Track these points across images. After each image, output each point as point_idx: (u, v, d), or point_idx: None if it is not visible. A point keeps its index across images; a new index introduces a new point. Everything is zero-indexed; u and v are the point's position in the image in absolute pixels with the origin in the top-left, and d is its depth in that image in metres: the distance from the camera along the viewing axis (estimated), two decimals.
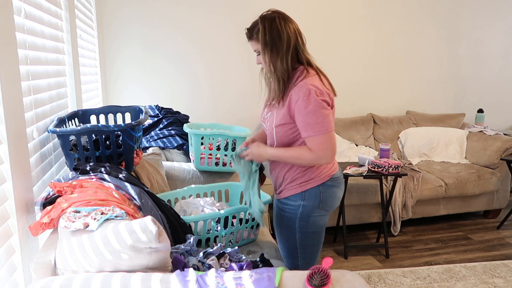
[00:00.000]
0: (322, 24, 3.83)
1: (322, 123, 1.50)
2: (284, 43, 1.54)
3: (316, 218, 1.67)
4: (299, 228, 1.67)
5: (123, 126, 1.70)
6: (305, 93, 1.49)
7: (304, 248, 1.71)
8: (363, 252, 3.02)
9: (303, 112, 1.50)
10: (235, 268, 1.33)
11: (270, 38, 1.53)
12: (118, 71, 3.53)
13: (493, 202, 3.52)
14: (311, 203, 1.64)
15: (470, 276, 2.63)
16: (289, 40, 1.54)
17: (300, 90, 1.51)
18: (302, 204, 1.64)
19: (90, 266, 1.08)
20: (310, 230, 1.68)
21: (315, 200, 1.64)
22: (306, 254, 1.71)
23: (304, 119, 1.51)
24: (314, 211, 1.65)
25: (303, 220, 1.66)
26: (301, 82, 1.52)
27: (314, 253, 1.74)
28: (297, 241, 1.69)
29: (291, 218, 1.67)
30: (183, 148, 2.78)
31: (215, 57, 3.68)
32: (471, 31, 4.19)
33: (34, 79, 1.56)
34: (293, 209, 1.66)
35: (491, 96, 4.36)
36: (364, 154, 3.58)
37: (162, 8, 3.50)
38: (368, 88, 4.08)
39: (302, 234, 1.68)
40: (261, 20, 1.56)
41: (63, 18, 2.09)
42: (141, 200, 1.52)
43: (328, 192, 1.65)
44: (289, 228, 1.70)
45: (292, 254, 1.74)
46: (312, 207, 1.64)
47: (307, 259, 1.72)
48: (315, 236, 1.70)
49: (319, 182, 1.63)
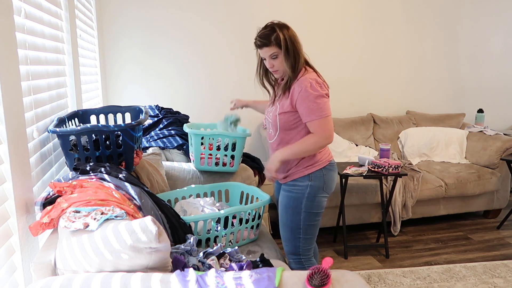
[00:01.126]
0: (322, 24, 3.83)
1: (322, 109, 1.75)
2: (300, 46, 1.81)
3: (320, 198, 1.88)
4: (305, 207, 1.87)
5: (123, 126, 1.70)
6: (306, 85, 1.75)
7: (306, 229, 1.90)
8: (363, 252, 3.02)
9: (306, 100, 1.74)
10: (235, 268, 1.33)
11: (291, 43, 1.77)
12: (118, 71, 3.54)
13: (493, 202, 3.52)
14: (317, 184, 1.86)
15: (470, 276, 2.63)
16: (300, 44, 1.82)
17: (302, 83, 1.76)
18: (309, 185, 1.85)
19: (90, 266, 1.08)
20: (314, 211, 1.88)
21: (320, 181, 1.86)
22: (307, 234, 1.91)
23: (307, 106, 1.75)
24: (319, 192, 1.87)
25: (309, 200, 1.86)
26: (302, 77, 1.78)
27: (314, 234, 1.94)
28: (301, 221, 1.88)
29: (298, 198, 1.87)
30: (183, 148, 2.78)
31: (214, 58, 3.68)
32: (471, 31, 4.19)
33: (34, 79, 1.56)
34: (301, 190, 1.86)
35: (491, 96, 4.36)
36: (364, 154, 3.58)
37: (162, 12, 3.51)
38: (368, 88, 4.08)
39: (306, 214, 1.87)
40: (278, 28, 1.77)
41: (63, 18, 2.09)
42: (141, 200, 1.52)
43: (329, 175, 1.90)
44: (295, 208, 1.88)
45: (295, 235, 1.91)
46: (317, 188, 1.86)
47: (307, 239, 1.92)
48: (317, 217, 1.91)
49: (322, 166, 1.87)
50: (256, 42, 1.81)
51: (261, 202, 2.03)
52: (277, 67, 1.82)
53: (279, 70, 1.83)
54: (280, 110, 1.84)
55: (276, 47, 1.77)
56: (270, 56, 1.80)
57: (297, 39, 1.80)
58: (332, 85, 2.02)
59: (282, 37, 1.75)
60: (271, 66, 1.83)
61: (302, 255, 1.94)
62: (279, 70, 1.83)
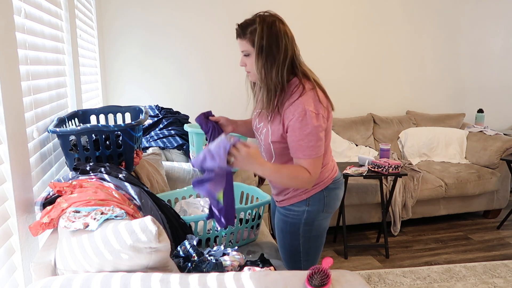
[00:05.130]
0: (322, 25, 3.83)
1: (313, 147, 1.43)
2: (281, 52, 1.42)
3: (320, 221, 1.65)
4: (303, 233, 1.64)
5: (123, 126, 1.70)
6: (300, 113, 1.41)
7: (307, 252, 1.69)
8: (363, 252, 3.02)
9: (296, 133, 1.43)
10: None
11: (267, 44, 1.41)
12: (118, 71, 3.54)
13: (493, 202, 3.52)
14: (316, 208, 1.61)
15: (470, 276, 2.63)
16: (287, 50, 1.43)
17: (296, 110, 1.42)
18: (306, 210, 1.61)
19: (90, 266, 1.08)
20: (313, 234, 1.66)
21: (319, 204, 1.61)
22: (309, 257, 1.70)
23: (297, 140, 1.44)
24: (319, 215, 1.63)
25: (308, 225, 1.63)
26: (297, 101, 1.42)
27: (316, 255, 1.73)
28: (300, 246, 1.66)
29: (295, 224, 1.64)
30: (183, 148, 2.78)
31: (214, 58, 3.68)
32: (471, 31, 4.19)
33: (34, 79, 1.56)
34: (297, 215, 1.62)
35: (491, 96, 4.36)
36: (364, 154, 3.58)
37: (162, 12, 3.51)
38: (368, 88, 4.08)
39: (306, 238, 1.65)
40: (259, 21, 1.43)
41: (63, 18, 2.09)
42: (141, 200, 1.52)
43: (331, 195, 1.64)
44: (292, 233, 1.65)
45: (295, 258, 1.70)
46: (316, 212, 1.62)
47: (309, 261, 1.70)
48: (318, 239, 1.69)
49: (323, 187, 1.61)
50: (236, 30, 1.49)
51: (261, 202, 2.03)
52: (248, 68, 1.50)
53: (251, 72, 1.50)
54: (272, 138, 1.53)
55: (249, 44, 1.44)
56: (242, 52, 1.49)
57: (282, 42, 1.42)
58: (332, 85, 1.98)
59: (258, 33, 1.40)
60: (242, 64, 1.51)
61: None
62: (251, 73, 1.51)
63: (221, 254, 1.48)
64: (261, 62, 1.42)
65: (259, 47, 1.41)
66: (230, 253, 1.47)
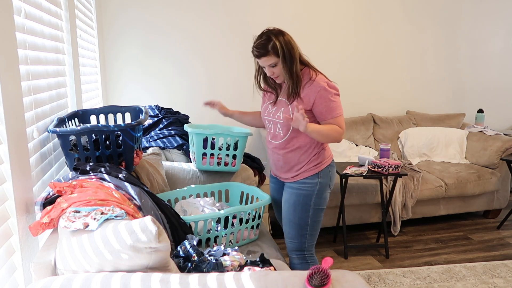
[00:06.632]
0: (322, 24, 3.83)
1: (340, 107, 1.86)
2: (295, 51, 1.83)
3: (327, 194, 1.98)
4: (313, 204, 1.94)
5: (123, 126, 1.70)
6: (322, 86, 1.82)
7: (313, 225, 1.97)
8: (363, 252, 3.02)
9: (326, 99, 1.82)
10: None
11: (287, 51, 1.79)
12: (118, 71, 3.54)
13: (493, 202, 3.52)
14: (325, 180, 1.95)
15: (470, 276, 2.63)
16: (296, 48, 1.84)
17: (318, 86, 1.82)
18: (319, 182, 1.93)
19: (90, 266, 1.08)
20: (321, 207, 1.97)
21: (327, 178, 1.96)
22: (313, 230, 1.99)
23: (327, 105, 1.82)
24: (326, 188, 1.97)
25: (318, 197, 1.94)
26: (315, 81, 1.84)
27: (318, 230, 2.02)
28: (309, 217, 1.95)
29: (308, 195, 1.93)
30: (183, 148, 2.78)
31: (214, 58, 3.68)
32: (471, 31, 4.19)
33: (34, 79, 1.56)
34: (311, 187, 1.93)
35: (491, 96, 4.36)
36: (364, 154, 3.58)
37: (162, 12, 3.51)
38: (368, 88, 4.08)
39: (315, 210, 1.95)
40: (273, 37, 1.79)
41: (63, 18, 2.09)
42: (141, 200, 1.52)
43: (333, 172, 2.00)
44: (304, 205, 1.94)
45: (302, 232, 1.97)
46: (325, 184, 1.95)
47: (313, 235, 2.00)
48: (322, 212, 1.99)
49: (328, 163, 1.97)
50: (253, 52, 1.83)
51: (261, 202, 2.03)
52: (277, 74, 1.86)
53: (280, 76, 1.87)
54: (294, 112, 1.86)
55: (274, 56, 1.80)
56: (269, 65, 1.83)
57: (293, 45, 1.82)
58: None
59: (279, 46, 1.78)
60: (271, 73, 1.87)
61: (307, 251, 2.00)
62: (280, 76, 1.87)
63: (221, 254, 1.48)
64: (287, 66, 1.81)
65: (283, 56, 1.79)
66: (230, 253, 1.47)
